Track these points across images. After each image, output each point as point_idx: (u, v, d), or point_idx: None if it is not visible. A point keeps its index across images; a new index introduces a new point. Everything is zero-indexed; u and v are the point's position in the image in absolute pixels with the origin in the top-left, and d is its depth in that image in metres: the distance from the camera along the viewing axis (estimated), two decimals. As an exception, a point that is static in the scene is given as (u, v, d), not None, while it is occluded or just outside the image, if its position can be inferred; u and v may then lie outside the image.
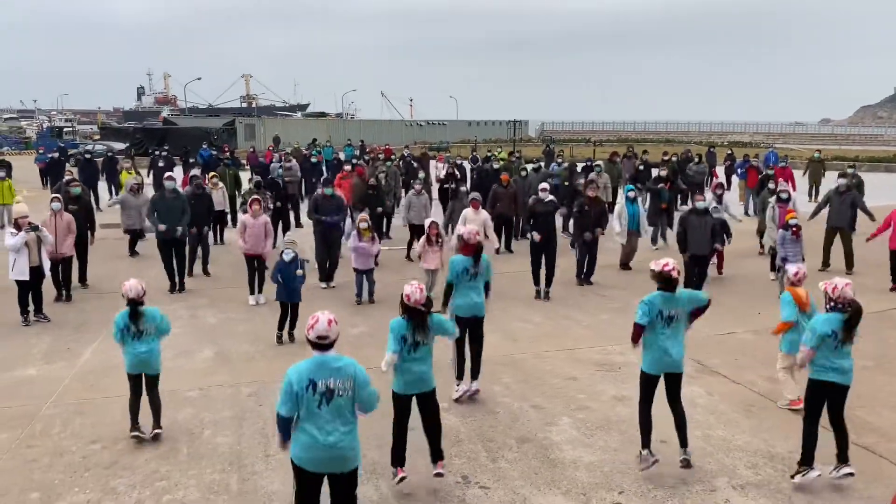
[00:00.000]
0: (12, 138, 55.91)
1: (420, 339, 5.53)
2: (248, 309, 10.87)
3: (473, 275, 7.30)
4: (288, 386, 4.31)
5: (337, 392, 4.32)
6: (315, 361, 4.37)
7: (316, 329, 4.37)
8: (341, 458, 4.37)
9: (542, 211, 11.48)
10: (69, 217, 11.07)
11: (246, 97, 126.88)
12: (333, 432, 4.31)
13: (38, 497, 5.47)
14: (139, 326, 6.25)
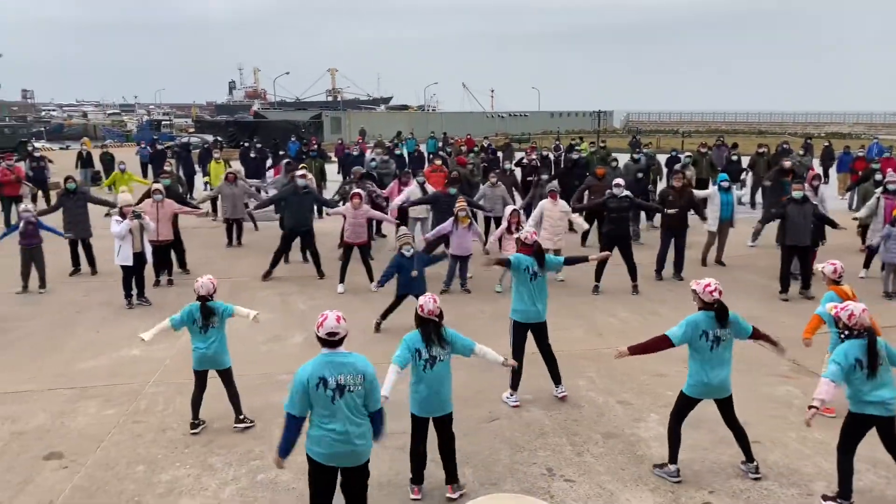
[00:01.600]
0: (115, 131, 59.22)
1: (436, 355, 5.23)
2: (336, 296, 11.13)
3: (534, 275, 7.02)
4: (298, 386, 4.35)
5: (348, 387, 4.36)
6: (324, 358, 4.41)
7: (325, 326, 4.41)
8: (354, 452, 4.42)
9: (616, 206, 11.27)
10: (170, 204, 11.64)
11: (331, 91, 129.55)
12: (346, 427, 4.35)
13: (143, 469, 5.79)
14: (207, 321, 6.38)
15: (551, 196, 11.96)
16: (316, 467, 4.44)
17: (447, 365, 5.33)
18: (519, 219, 10.93)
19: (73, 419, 6.74)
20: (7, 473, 5.70)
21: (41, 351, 8.62)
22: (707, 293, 5.50)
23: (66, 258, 12.46)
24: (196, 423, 6.49)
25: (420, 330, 5.27)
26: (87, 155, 22.76)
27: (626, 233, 11.48)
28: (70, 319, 9.89)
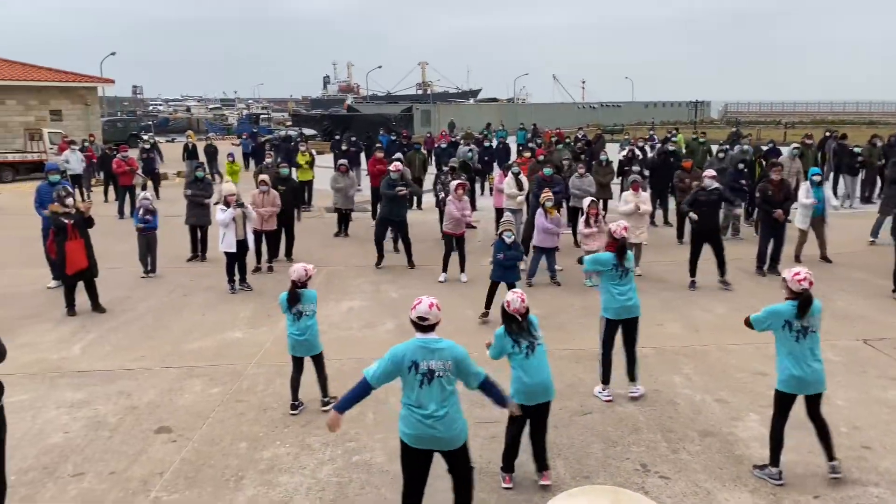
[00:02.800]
0: (217, 125, 61.98)
1: (531, 341, 5.30)
2: (428, 287, 11.23)
3: (623, 273, 6.87)
4: (390, 359, 4.43)
5: (437, 373, 4.39)
6: (417, 343, 4.47)
7: (418, 310, 4.48)
8: (445, 436, 4.44)
9: (706, 200, 10.86)
10: (274, 194, 12.10)
11: (422, 84, 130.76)
12: (437, 413, 4.39)
13: (246, 447, 6.06)
14: (299, 308, 6.58)
15: (633, 187, 11.68)
16: (406, 449, 4.52)
17: (543, 350, 5.37)
18: (598, 210, 10.75)
19: (181, 396, 7.12)
20: (123, 445, 6.09)
21: (152, 331, 9.15)
22: (795, 281, 5.35)
23: (178, 244, 13.15)
24: (295, 405, 6.72)
25: (506, 326, 5.34)
26: (192, 147, 23.89)
27: (716, 226, 11.10)
28: (178, 302, 10.45)
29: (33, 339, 8.78)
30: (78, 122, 30.30)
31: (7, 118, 28.53)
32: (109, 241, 11.83)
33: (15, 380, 7.49)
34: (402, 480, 4.64)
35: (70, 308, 9.75)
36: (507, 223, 9.55)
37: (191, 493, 5.32)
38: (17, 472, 5.58)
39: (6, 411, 6.78)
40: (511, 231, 9.33)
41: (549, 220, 10.82)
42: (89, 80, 32.35)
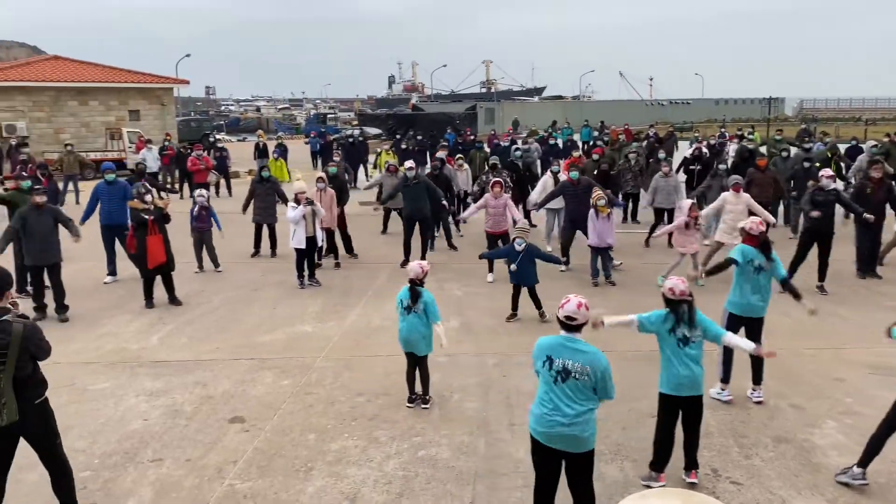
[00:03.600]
0: (285, 125, 63.41)
1: (689, 336, 5.24)
2: (488, 285, 11.29)
3: (759, 268, 6.72)
4: (534, 352, 4.55)
5: (574, 374, 4.34)
6: (560, 339, 4.45)
7: (565, 309, 4.45)
8: (573, 438, 4.38)
9: (823, 200, 10.40)
10: (332, 192, 12.31)
11: (486, 82, 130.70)
12: (567, 412, 4.34)
13: (315, 438, 6.19)
14: (414, 304, 6.66)
15: (735, 189, 11.32)
16: (536, 445, 4.51)
17: (700, 346, 5.31)
18: (697, 213, 10.51)
19: (253, 387, 7.33)
20: (198, 433, 6.32)
21: (225, 324, 9.44)
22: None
23: (247, 241, 13.53)
24: (412, 398, 6.80)
25: (670, 311, 5.28)
26: (263, 146, 24.51)
27: (831, 229, 10.61)
28: (249, 297, 10.75)
29: (114, 330, 9.18)
30: (155, 121, 31.50)
31: (90, 118, 29.89)
32: (185, 236, 12.24)
33: (98, 368, 7.88)
34: (534, 478, 4.63)
35: (148, 300, 10.16)
36: (521, 230, 9.48)
37: (263, 481, 5.47)
38: (101, 456, 5.86)
39: (88, 397, 7.12)
40: (523, 238, 9.26)
41: (601, 220, 10.70)
42: (165, 81, 33.56)
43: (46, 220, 9.42)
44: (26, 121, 27.98)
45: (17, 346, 4.48)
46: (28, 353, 4.57)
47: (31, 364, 4.63)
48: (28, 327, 4.57)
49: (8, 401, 4.51)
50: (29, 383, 4.61)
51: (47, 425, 4.80)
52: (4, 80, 28.30)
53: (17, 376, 4.54)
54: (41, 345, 4.68)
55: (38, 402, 4.70)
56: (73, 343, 8.65)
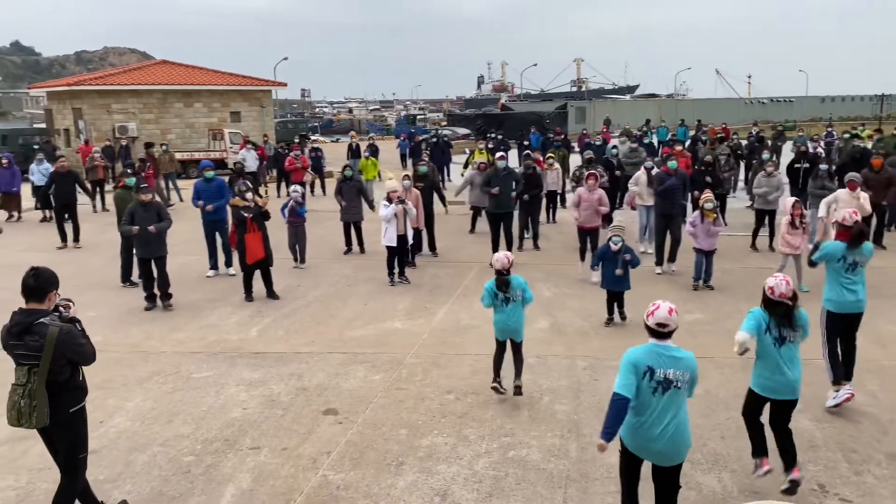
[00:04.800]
0: (376, 125, 64.64)
1: (787, 336, 5.07)
2: (580, 285, 11.12)
3: (852, 265, 6.43)
4: (629, 366, 4.21)
5: (675, 383, 4.19)
6: (653, 348, 4.26)
7: (656, 316, 4.26)
8: (670, 451, 4.24)
9: None
10: (416, 193, 12.43)
11: (576, 81, 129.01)
12: (665, 423, 4.19)
13: (406, 433, 6.26)
14: (506, 294, 6.76)
15: (850, 186, 10.74)
16: (628, 457, 4.40)
17: (797, 347, 5.16)
18: (801, 211, 10.03)
19: (346, 380, 7.49)
20: (294, 423, 6.50)
21: (320, 318, 9.69)
22: None
23: (340, 238, 13.85)
24: (497, 381, 6.85)
25: (769, 311, 5.12)
26: (355, 147, 25.04)
27: None
28: (342, 292, 11.00)
29: (216, 321, 9.59)
30: (254, 123, 32.71)
31: (194, 119, 31.36)
32: (283, 233, 12.64)
33: (201, 357, 8.24)
34: (621, 489, 4.54)
35: (248, 294, 10.55)
36: (617, 228, 9.20)
37: (355, 473, 5.58)
38: (203, 442, 6.13)
39: (192, 384, 7.45)
40: (619, 236, 8.98)
41: (704, 223, 10.32)
42: (265, 83, 34.81)
43: (152, 216, 9.94)
44: (136, 122, 29.63)
45: (51, 349, 4.36)
46: (64, 357, 4.45)
47: (68, 369, 4.51)
48: (63, 331, 4.42)
49: (39, 404, 4.40)
50: (65, 389, 4.51)
51: (77, 436, 4.66)
52: (117, 83, 30.08)
53: (53, 380, 4.44)
54: (80, 350, 4.53)
55: (73, 411, 4.57)
56: (178, 332, 9.10)
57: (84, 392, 4.68)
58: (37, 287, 4.48)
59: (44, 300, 4.50)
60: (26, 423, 4.45)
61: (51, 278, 4.55)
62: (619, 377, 4.25)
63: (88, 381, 7.45)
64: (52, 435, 4.64)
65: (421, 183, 13.00)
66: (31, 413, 4.41)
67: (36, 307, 4.48)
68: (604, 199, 11.41)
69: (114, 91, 29.53)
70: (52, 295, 4.55)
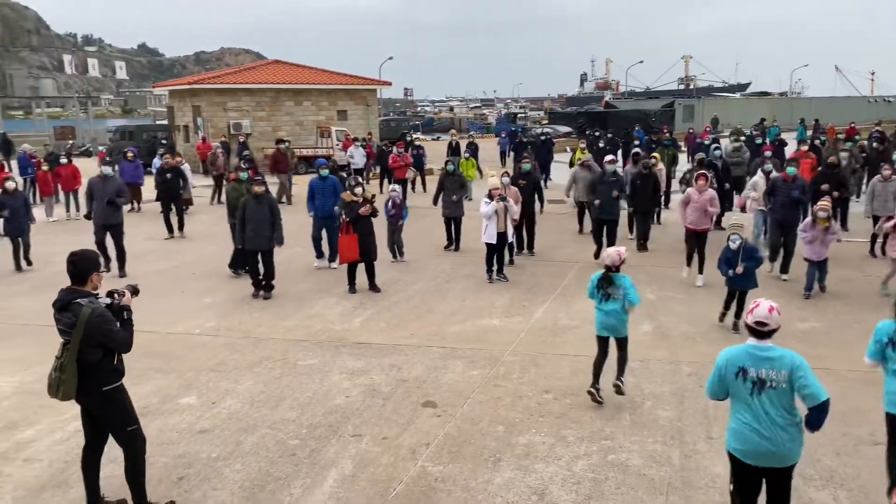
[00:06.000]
0: (477, 124, 64.85)
1: None
2: (685, 289, 10.78)
3: None
4: (717, 369, 4.24)
5: (769, 383, 4.04)
6: (748, 348, 4.16)
7: (755, 314, 4.15)
8: (774, 452, 4.07)
9: None
10: (514, 190, 12.37)
11: (684, 79, 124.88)
12: (766, 424, 4.06)
13: (503, 430, 6.26)
14: (608, 290, 6.65)
15: None
16: (737, 465, 4.26)
17: None
18: None
19: (444, 374, 7.57)
20: (394, 414, 6.63)
21: (419, 313, 9.83)
22: None
23: (440, 234, 14.01)
24: (595, 387, 6.67)
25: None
26: (455, 145, 25.22)
27: None
28: (441, 287, 11.12)
29: (321, 311, 9.91)
30: (360, 121, 33.52)
31: (303, 117, 32.48)
32: (384, 229, 12.90)
33: (307, 345, 8.54)
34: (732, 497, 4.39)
35: (351, 286, 10.85)
36: (735, 226, 8.77)
37: (453, 466, 5.63)
38: (308, 427, 6.35)
39: (298, 371, 7.72)
40: (738, 234, 8.56)
41: (818, 230, 9.74)
42: (370, 82, 35.60)
43: (263, 209, 10.38)
44: (250, 119, 30.99)
45: (81, 328, 4.52)
46: (94, 340, 4.60)
47: (99, 352, 4.65)
48: (95, 314, 4.57)
49: (67, 378, 4.59)
50: (98, 370, 4.68)
51: (114, 412, 4.83)
52: (233, 82, 31.56)
53: (85, 360, 4.61)
54: (110, 336, 4.65)
55: (106, 390, 4.74)
56: (286, 321, 9.47)
57: (118, 375, 4.83)
58: (76, 270, 4.71)
59: (84, 282, 4.72)
60: (54, 394, 4.70)
61: (89, 262, 4.77)
62: (709, 377, 4.34)
63: (204, 364, 7.92)
64: (90, 410, 4.88)
65: (523, 181, 12.94)
66: (59, 386, 4.65)
67: (77, 288, 4.71)
68: (714, 200, 10.99)
69: (229, 90, 31.00)
70: (93, 277, 4.75)
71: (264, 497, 5.23)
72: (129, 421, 4.90)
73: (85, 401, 4.79)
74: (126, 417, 4.89)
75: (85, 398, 4.75)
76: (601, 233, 12.24)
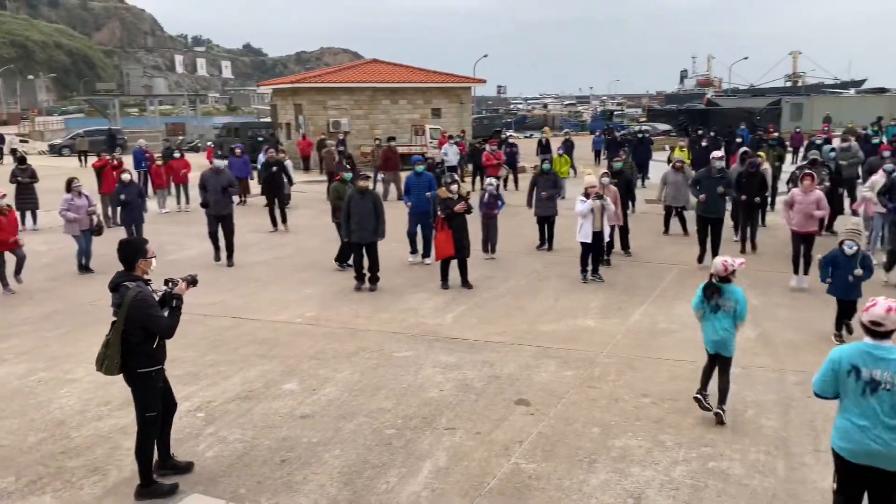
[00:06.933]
0: (571, 121, 64.08)
1: None
2: (791, 294, 10.32)
3: None
4: (828, 365, 4.11)
5: (883, 385, 3.89)
6: (862, 347, 4.01)
7: (871, 312, 3.98)
8: (881, 453, 3.91)
9: None
10: (615, 190, 12.14)
11: (791, 75, 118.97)
12: (875, 425, 3.91)
13: (599, 432, 6.19)
14: (716, 301, 6.22)
15: None
16: (841, 464, 4.13)
17: None
18: None
19: (537, 373, 7.54)
20: (487, 409, 6.67)
21: (510, 310, 9.83)
22: None
23: (533, 232, 13.95)
24: (701, 394, 6.36)
25: None
26: (546, 142, 25.03)
27: None
28: (533, 286, 11.08)
29: (415, 305, 10.08)
30: (453, 119, 33.78)
31: (399, 115, 33.02)
32: (477, 226, 12.96)
33: (401, 338, 8.71)
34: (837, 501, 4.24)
35: (444, 282, 10.97)
36: (852, 231, 8.23)
37: (547, 465, 5.61)
38: (404, 418, 6.48)
39: (393, 362, 7.88)
40: (853, 240, 8.04)
41: None
42: (465, 80, 35.80)
43: (367, 204, 10.64)
44: (348, 118, 31.80)
45: (125, 309, 4.87)
46: (137, 322, 4.89)
47: (141, 334, 4.94)
48: (139, 297, 4.89)
49: (111, 354, 4.95)
50: (137, 352, 4.98)
51: (143, 395, 5.10)
52: (333, 81, 32.46)
53: (127, 340, 4.93)
54: (151, 320, 4.93)
55: (141, 372, 5.04)
56: (382, 313, 9.69)
57: (154, 360, 5.09)
58: (123, 257, 5.11)
59: (132, 267, 5.09)
60: (99, 368, 5.06)
61: (135, 250, 5.13)
62: (818, 372, 4.21)
63: (305, 351, 8.21)
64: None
65: (615, 179, 12.71)
66: (104, 361, 5.01)
67: (127, 272, 5.09)
68: (822, 201, 10.43)
69: (329, 88, 31.89)
70: (140, 263, 5.10)
71: (362, 483, 5.38)
72: (150, 407, 5.16)
73: (125, 377, 5.13)
74: (148, 403, 5.15)
75: (124, 375, 5.11)
76: (705, 233, 11.83)
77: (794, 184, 13.19)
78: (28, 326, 9.32)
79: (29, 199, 16.26)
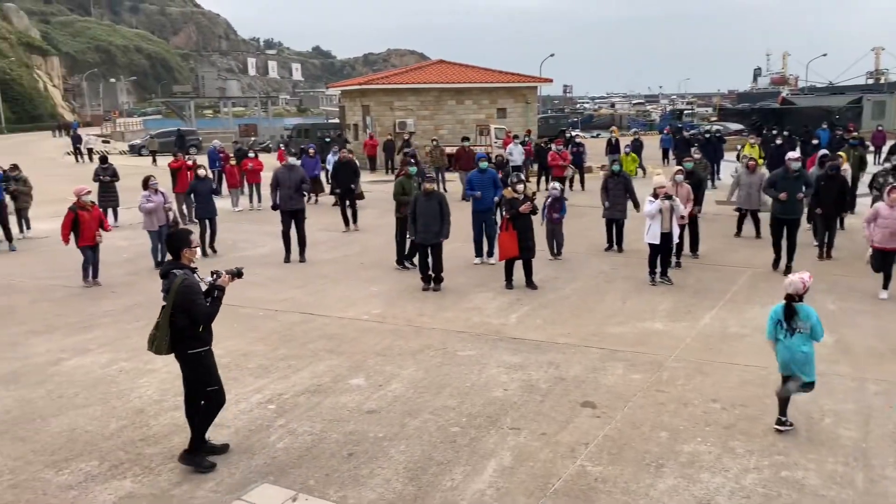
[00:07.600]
0: (639, 121, 63.00)
1: None
2: (872, 301, 9.88)
3: None
4: None
5: None
6: None
7: None
8: None
9: None
10: (687, 189, 11.88)
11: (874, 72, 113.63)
12: None
13: (667, 436, 6.07)
14: (792, 323, 6.00)
15: None
16: None
17: None
18: None
19: (604, 376, 7.45)
20: (552, 411, 6.63)
21: (577, 311, 9.74)
22: None
23: (601, 234, 13.79)
24: (783, 420, 6.09)
25: None
26: (615, 142, 24.68)
27: None
28: (600, 287, 10.94)
29: (479, 305, 10.10)
30: (518, 118, 33.64)
31: (464, 115, 33.10)
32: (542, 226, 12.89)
33: (465, 337, 8.75)
34: None
35: (508, 282, 10.95)
36: None
37: (613, 468, 5.55)
38: (468, 416, 6.50)
39: (457, 361, 7.91)
40: None
41: None
42: (531, 80, 35.60)
43: (433, 205, 10.72)
44: (414, 118, 32.07)
45: (173, 294, 5.25)
46: (182, 307, 5.27)
47: (186, 318, 5.31)
48: (184, 284, 5.27)
49: (161, 334, 5.34)
50: (185, 335, 5.36)
51: (194, 373, 5.53)
52: (399, 82, 32.78)
53: (175, 324, 5.31)
54: (193, 306, 5.29)
55: (190, 353, 5.42)
56: (446, 312, 9.75)
57: (202, 342, 5.44)
58: (170, 247, 5.52)
59: (179, 256, 5.45)
60: (150, 348, 5.46)
61: (180, 240, 5.48)
62: None
63: (371, 348, 8.34)
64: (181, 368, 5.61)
65: (687, 180, 12.43)
66: (154, 342, 5.41)
67: (175, 261, 5.47)
68: None
69: (396, 90, 32.21)
70: (185, 252, 5.45)
71: (427, 480, 5.43)
72: (210, 382, 5.56)
73: (179, 361, 5.53)
74: (208, 379, 5.55)
75: (177, 357, 5.50)
76: (780, 236, 11.38)
77: (876, 189, 12.63)
78: (110, 318, 9.77)
79: (111, 197, 17.05)
